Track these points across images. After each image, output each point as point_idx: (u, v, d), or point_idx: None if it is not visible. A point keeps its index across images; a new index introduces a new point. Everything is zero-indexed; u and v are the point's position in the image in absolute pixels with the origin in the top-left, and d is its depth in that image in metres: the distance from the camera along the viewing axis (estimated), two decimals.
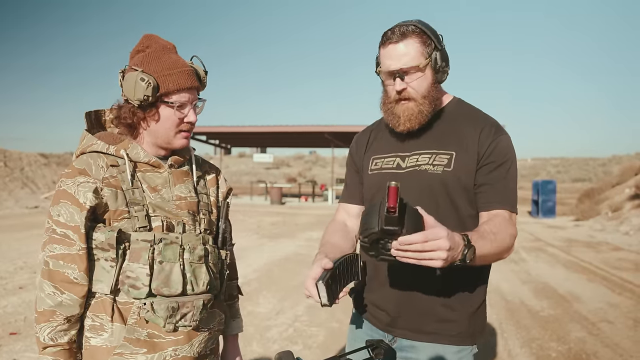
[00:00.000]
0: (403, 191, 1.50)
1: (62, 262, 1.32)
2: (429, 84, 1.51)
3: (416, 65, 1.47)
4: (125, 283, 1.35)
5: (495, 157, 1.50)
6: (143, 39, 1.47)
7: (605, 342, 4.48)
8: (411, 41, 1.47)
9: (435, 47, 1.49)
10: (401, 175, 1.55)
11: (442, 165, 1.52)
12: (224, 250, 1.55)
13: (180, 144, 1.47)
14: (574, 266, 8.27)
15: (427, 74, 1.50)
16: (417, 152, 1.57)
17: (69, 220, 1.33)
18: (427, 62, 1.48)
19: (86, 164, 1.38)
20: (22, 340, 4.23)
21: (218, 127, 24.59)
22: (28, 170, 23.13)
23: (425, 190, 1.52)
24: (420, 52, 1.47)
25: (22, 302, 5.39)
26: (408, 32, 1.47)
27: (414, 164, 1.56)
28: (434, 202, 1.51)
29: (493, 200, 1.51)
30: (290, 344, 4.29)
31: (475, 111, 1.62)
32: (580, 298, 6.04)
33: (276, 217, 16.31)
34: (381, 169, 1.62)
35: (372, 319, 1.64)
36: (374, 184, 1.64)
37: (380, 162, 1.64)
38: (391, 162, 1.61)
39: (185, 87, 1.41)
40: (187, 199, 1.48)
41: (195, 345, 1.45)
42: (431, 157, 1.54)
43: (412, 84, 1.49)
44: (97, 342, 1.37)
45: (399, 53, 1.47)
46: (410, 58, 1.47)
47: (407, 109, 1.52)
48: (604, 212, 15.58)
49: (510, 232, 1.47)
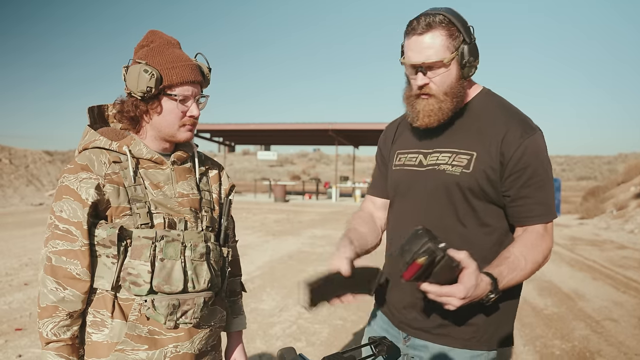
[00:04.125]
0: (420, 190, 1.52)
1: (64, 258, 1.32)
2: (453, 79, 1.42)
3: (440, 60, 1.38)
4: (127, 280, 1.35)
5: (527, 162, 1.40)
6: (148, 34, 1.47)
7: (610, 341, 4.47)
8: (437, 33, 1.38)
9: (464, 40, 1.40)
10: (421, 173, 1.52)
11: (460, 166, 1.45)
12: (225, 248, 1.55)
13: (184, 137, 1.47)
14: (579, 264, 8.25)
15: (452, 69, 1.41)
16: (438, 149, 1.51)
17: (71, 216, 1.33)
18: (452, 56, 1.39)
19: (88, 159, 1.38)
20: (28, 336, 4.25)
21: (222, 125, 24.62)
22: (33, 168, 23.23)
23: (441, 192, 1.47)
24: (446, 45, 1.38)
25: (27, 298, 5.42)
26: (434, 24, 1.38)
27: (434, 162, 1.50)
28: (451, 204, 1.46)
29: (528, 215, 1.44)
30: (293, 341, 4.30)
31: (503, 106, 1.51)
32: (585, 296, 6.02)
33: (280, 215, 16.32)
34: (404, 165, 1.58)
35: (389, 314, 1.62)
36: (395, 180, 1.61)
37: (403, 158, 1.59)
38: (413, 159, 1.56)
39: (189, 81, 1.41)
40: (189, 196, 1.48)
41: (196, 342, 1.46)
42: (451, 156, 1.48)
43: (434, 79, 1.42)
44: (99, 338, 1.37)
45: (423, 46, 1.39)
46: (434, 52, 1.38)
47: (427, 104, 1.44)
48: (609, 210, 15.52)
49: (544, 248, 1.43)
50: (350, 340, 4.33)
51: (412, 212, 1.54)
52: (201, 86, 1.48)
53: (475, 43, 1.44)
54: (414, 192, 1.54)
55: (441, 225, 1.45)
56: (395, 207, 1.62)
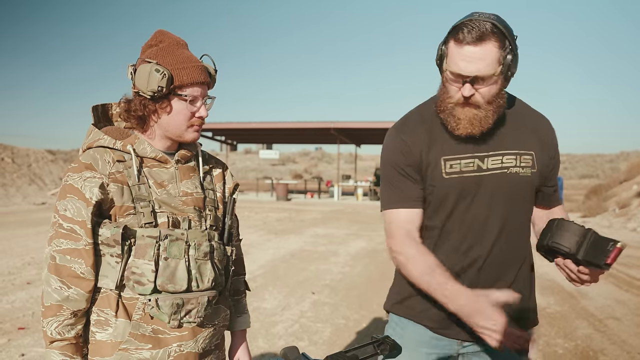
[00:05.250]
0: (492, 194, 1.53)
1: (68, 256, 1.32)
2: (497, 90, 1.42)
3: (491, 74, 1.36)
4: (131, 279, 1.35)
5: (559, 156, 1.63)
6: (156, 34, 1.47)
7: (613, 339, 4.47)
8: (490, 45, 1.35)
9: (510, 50, 1.38)
10: (485, 178, 1.51)
11: (528, 166, 1.52)
12: (229, 247, 1.55)
13: (191, 137, 1.48)
14: None
15: (498, 81, 1.40)
16: (498, 152, 1.51)
17: (75, 215, 1.33)
18: (501, 69, 1.37)
19: (92, 158, 1.38)
20: (31, 335, 4.26)
21: (224, 124, 24.63)
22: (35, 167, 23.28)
23: (519, 195, 1.53)
24: (497, 58, 1.36)
25: (30, 297, 5.43)
26: (487, 34, 1.34)
27: (499, 165, 1.50)
28: (527, 203, 1.55)
29: (557, 198, 1.66)
30: (296, 340, 4.30)
31: (528, 106, 1.63)
32: (587, 295, 6.01)
33: (282, 213, 16.33)
34: (461, 172, 1.51)
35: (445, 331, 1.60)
36: (452, 188, 1.52)
37: (457, 165, 1.52)
38: (470, 165, 1.51)
39: (199, 82, 1.41)
40: (193, 194, 1.48)
41: (200, 341, 1.46)
42: (517, 158, 1.51)
43: (480, 90, 1.40)
44: (103, 337, 1.37)
45: (476, 57, 1.35)
46: (486, 65, 1.35)
47: (470, 112, 1.43)
48: (612, 208, 15.50)
49: None
50: (353, 340, 4.33)
51: (486, 218, 1.53)
52: (208, 87, 1.48)
53: (517, 53, 1.41)
54: (483, 196, 1.52)
55: (521, 225, 1.57)
56: (457, 216, 1.54)
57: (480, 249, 1.53)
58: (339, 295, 5.89)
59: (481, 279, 1.55)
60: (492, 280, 1.55)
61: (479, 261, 1.54)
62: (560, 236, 1.35)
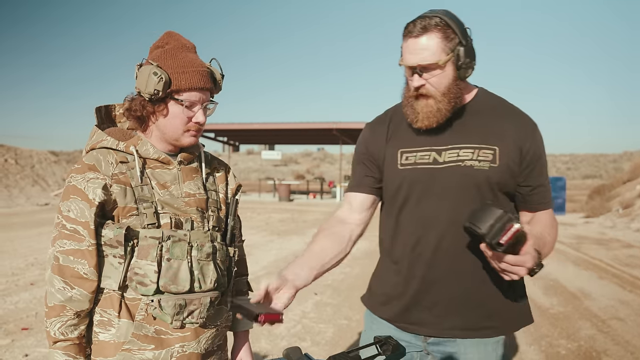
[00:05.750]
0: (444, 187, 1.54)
1: (72, 257, 1.33)
2: (449, 81, 1.46)
3: (435, 62, 1.42)
4: (133, 280, 1.35)
5: (539, 154, 1.54)
6: (164, 36, 1.47)
7: (616, 340, 4.45)
8: (432, 36, 1.41)
9: (460, 42, 1.43)
10: (441, 170, 1.53)
11: (487, 160, 1.50)
12: (232, 248, 1.56)
13: (188, 142, 1.47)
14: (584, 263, 8.22)
15: (448, 71, 1.45)
16: (456, 145, 1.53)
17: (79, 215, 1.34)
18: (448, 58, 1.42)
19: (96, 160, 1.39)
20: (34, 335, 4.27)
21: (226, 125, 24.66)
22: (38, 168, 23.35)
23: (470, 187, 1.50)
24: (442, 47, 1.42)
25: (34, 298, 5.45)
26: (430, 26, 1.41)
27: (455, 158, 1.52)
28: (480, 198, 1.50)
29: (544, 200, 1.57)
30: (298, 341, 4.30)
31: (504, 103, 1.60)
32: (591, 295, 6.00)
33: (284, 214, 16.34)
34: (415, 163, 1.56)
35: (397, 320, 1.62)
36: (405, 179, 1.57)
37: (412, 157, 1.57)
38: (426, 157, 1.55)
39: (197, 87, 1.40)
40: (196, 195, 1.48)
41: (203, 342, 1.46)
42: (474, 151, 1.51)
43: (430, 81, 1.45)
44: (105, 337, 1.38)
45: (418, 47, 1.42)
46: (430, 54, 1.42)
47: (425, 105, 1.48)
48: (615, 208, 15.46)
49: (556, 227, 1.60)
50: (355, 340, 4.33)
51: (435, 209, 1.54)
52: (211, 92, 1.48)
53: (472, 45, 1.47)
54: (435, 189, 1.53)
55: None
56: (410, 208, 1.59)
57: (428, 240, 1.54)
58: (342, 295, 5.89)
59: (431, 273, 1.55)
60: (443, 275, 1.54)
61: (427, 252, 1.54)
62: (478, 218, 1.31)
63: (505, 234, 1.24)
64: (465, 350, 1.55)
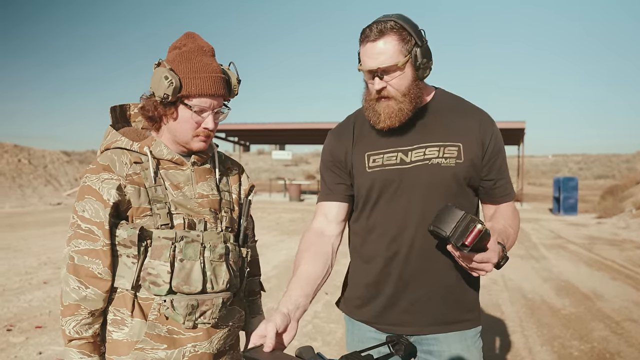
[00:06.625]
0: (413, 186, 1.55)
1: (86, 257, 1.34)
2: (409, 81, 1.48)
3: (394, 64, 1.44)
4: (147, 280, 1.37)
5: (499, 148, 1.58)
6: (183, 37, 1.47)
7: (630, 342, 4.41)
8: (389, 39, 1.43)
9: (416, 43, 1.45)
10: (409, 170, 1.54)
11: (453, 157, 1.52)
12: (244, 248, 1.56)
13: (197, 147, 1.47)
14: (597, 264, 8.14)
15: (407, 72, 1.47)
16: (421, 145, 1.55)
17: (93, 215, 1.35)
18: (406, 59, 1.45)
19: (110, 160, 1.40)
20: (47, 333, 4.32)
21: (237, 125, 24.72)
22: (51, 168, 23.57)
23: (438, 185, 1.52)
24: (399, 50, 1.44)
25: (47, 296, 5.50)
26: (386, 30, 1.43)
27: (421, 157, 1.53)
28: (449, 195, 1.52)
29: (507, 192, 1.62)
30: (309, 340, 4.31)
31: (463, 101, 1.64)
32: (604, 296, 5.94)
33: (295, 214, 16.35)
34: (383, 165, 1.57)
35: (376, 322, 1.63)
36: (377, 180, 1.57)
37: (379, 159, 1.58)
38: (393, 158, 1.56)
39: (207, 94, 1.40)
40: (209, 196, 1.49)
41: (215, 342, 1.47)
42: (440, 149, 1.53)
43: (391, 83, 1.47)
44: (119, 336, 1.39)
45: (377, 51, 1.44)
46: (388, 56, 1.44)
47: (387, 106, 1.50)
48: (628, 209, 15.29)
49: (519, 218, 1.64)
50: None
51: (407, 209, 1.55)
52: (224, 98, 1.47)
53: (427, 45, 1.49)
54: (404, 189, 1.55)
55: None
56: (381, 208, 1.59)
57: (401, 241, 1.55)
58: None
59: (407, 271, 1.55)
60: (418, 272, 1.55)
61: (400, 254, 1.55)
62: (441, 220, 1.32)
63: (469, 235, 1.26)
64: (449, 347, 1.57)
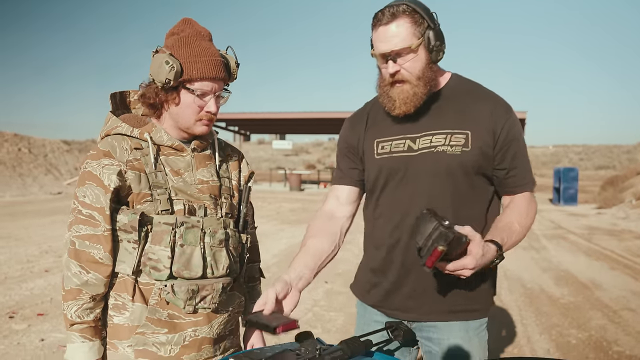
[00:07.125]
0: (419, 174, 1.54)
1: (87, 242, 1.35)
2: (423, 64, 1.47)
3: (408, 46, 1.42)
4: (147, 265, 1.38)
5: (513, 136, 1.52)
6: (180, 23, 1.46)
7: (627, 330, 4.44)
8: (401, 22, 1.42)
9: (428, 25, 1.44)
10: (416, 158, 1.53)
11: (459, 145, 1.50)
12: (244, 234, 1.57)
13: (200, 130, 1.48)
14: (596, 254, 8.17)
15: (421, 55, 1.46)
16: (429, 132, 1.54)
17: (94, 201, 1.36)
18: (419, 42, 1.43)
19: (111, 146, 1.41)
20: (49, 320, 4.35)
21: (237, 114, 24.68)
22: (51, 157, 23.57)
23: (442, 173, 1.51)
24: (412, 32, 1.43)
25: (48, 284, 5.54)
26: (398, 13, 1.42)
27: (428, 145, 1.53)
28: (454, 183, 1.51)
29: (520, 183, 1.56)
30: (309, 328, 4.34)
31: (479, 87, 1.60)
32: (602, 286, 5.97)
33: (295, 204, 16.38)
34: (391, 152, 1.58)
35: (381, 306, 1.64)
36: (384, 168, 1.59)
37: (387, 146, 1.59)
38: (401, 145, 1.56)
39: (209, 77, 1.40)
40: (209, 182, 1.50)
41: (215, 327, 1.48)
42: (446, 137, 1.51)
43: (405, 66, 1.46)
44: (120, 321, 1.41)
45: (390, 35, 1.43)
46: (401, 39, 1.42)
47: (402, 91, 1.48)
48: (628, 199, 15.30)
49: (534, 213, 1.56)
50: None
51: (411, 196, 1.55)
52: (225, 81, 1.48)
53: (440, 28, 1.48)
54: (410, 177, 1.55)
55: (446, 204, 1.51)
56: (387, 195, 1.61)
57: (403, 228, 1.55)
58: None
59: (409, 259, 1.55)
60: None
61: (402, 241, 1.55)
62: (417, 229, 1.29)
63: (430, 257, 1.22)
64: (449, 336, 1.55)
